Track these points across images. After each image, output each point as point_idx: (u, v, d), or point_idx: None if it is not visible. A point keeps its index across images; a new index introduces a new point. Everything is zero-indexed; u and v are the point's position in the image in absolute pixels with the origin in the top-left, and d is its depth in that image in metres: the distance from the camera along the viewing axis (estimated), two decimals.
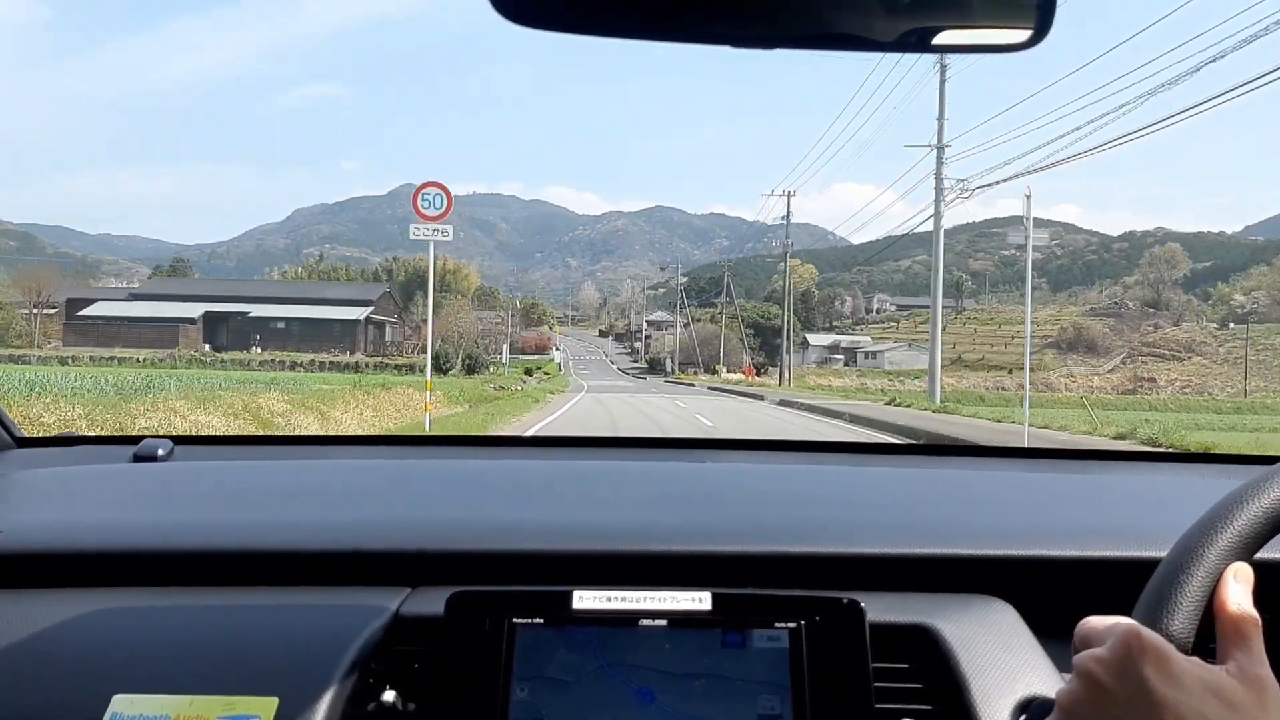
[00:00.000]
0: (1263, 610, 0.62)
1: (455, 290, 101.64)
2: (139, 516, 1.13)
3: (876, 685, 0.76)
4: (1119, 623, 0.62)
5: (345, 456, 1.72)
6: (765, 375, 67.48)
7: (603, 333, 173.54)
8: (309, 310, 72.55)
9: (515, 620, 0.76)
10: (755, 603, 0.78)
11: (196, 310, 70.27)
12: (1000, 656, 0.84)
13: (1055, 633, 0.85)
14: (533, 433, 15.21)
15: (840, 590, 0.81)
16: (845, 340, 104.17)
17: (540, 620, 0.77)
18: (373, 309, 76.08)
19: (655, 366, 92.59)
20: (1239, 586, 0.63)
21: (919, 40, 0.66)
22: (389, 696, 0.80)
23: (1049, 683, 0.80)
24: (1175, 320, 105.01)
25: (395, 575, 0.96)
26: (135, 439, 1.50)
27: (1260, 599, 0.63)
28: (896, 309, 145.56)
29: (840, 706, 0.74)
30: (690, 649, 0.76)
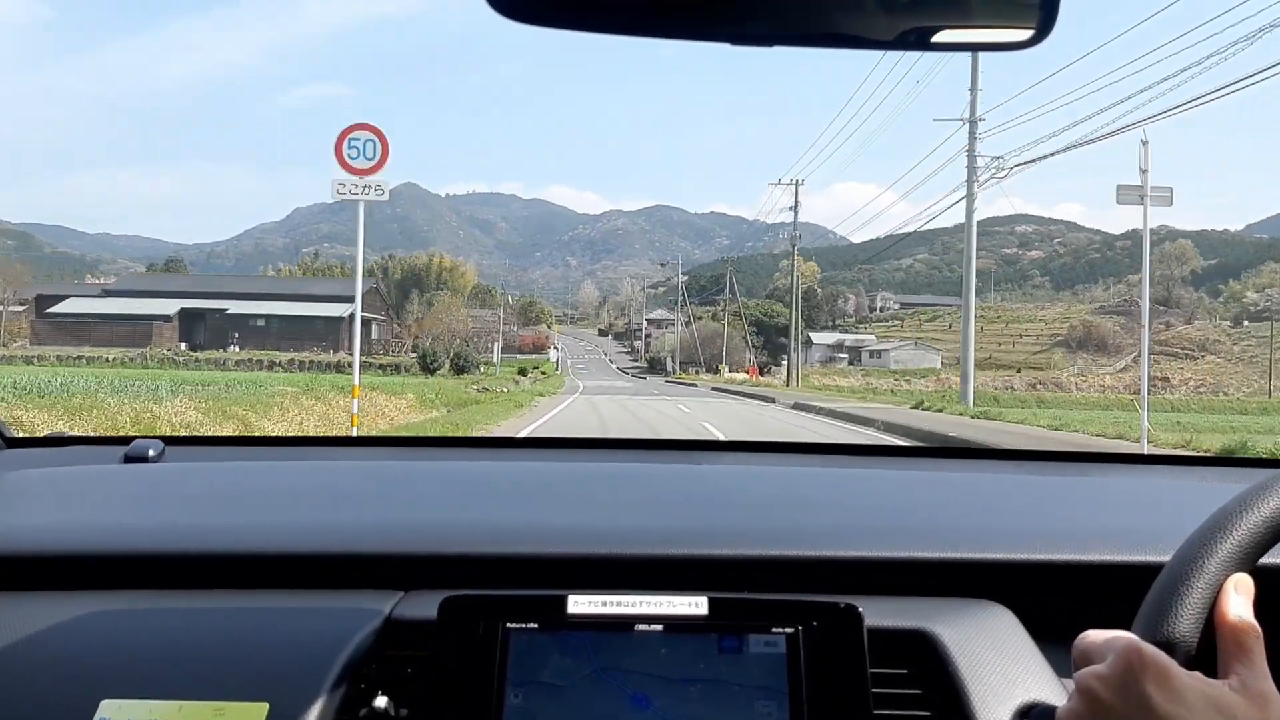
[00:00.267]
0: (1264, 620, 0.62)
1: (452, 288, 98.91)
2: (129, 518, 1.12)
3: (875, 691, 0.76)
4: (1119, 637, 0.61)
5: (338, 458, 1.70)
6: (769, 375, 65.09)
7: (602, 331, 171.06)
8: (290, 307, 69.31)
9: (509, 625, 0.76)
10: (752, 607, 0.77)
11: (172, 307, 67.46)
12: (999, 662, 0.83)
13: (1054, 637, 0.84)
14: None
15: (838, 595, 0.80)
16: (849, 339, 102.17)
17: (535, 625, 0.76)
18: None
19: (655, 366, 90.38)
20: (1239, 598, 0.62)
21: (918, 39, 0.66)
22: (381, 702, 0.79)
23: (1048, 688, 0.80)
24: (1187, 318, 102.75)
25: (388, 578, 0.95)
26: (126, 439, 1.48)
27: (1261, 608, 0.62)
28: (900, 307, 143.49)
29: (838, 712, 0.73)
30: (686, 654, 0.75)
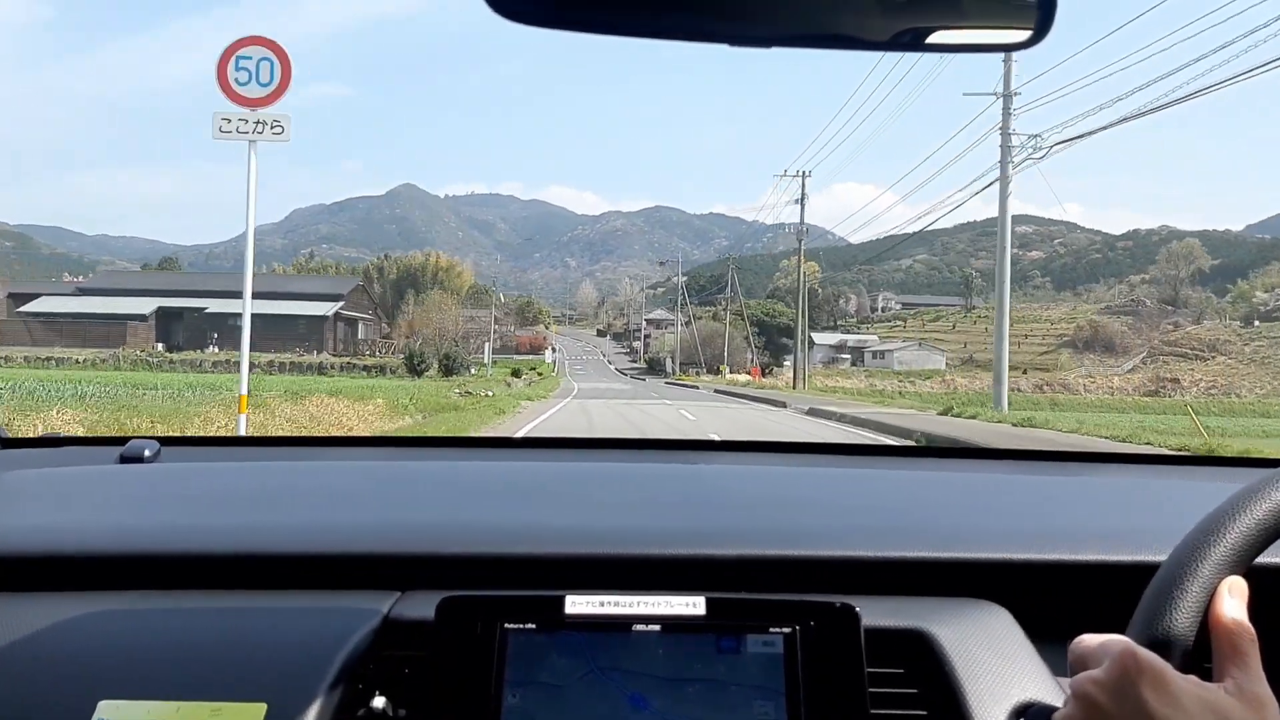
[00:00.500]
0: (1258, 623, 0.62)
1: (448, 289, 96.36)
2: (126, 519, 1.12)
3: (871, 690, 0.76)
4: (1114, 641, 0.61)
5: (335, 458, 1.69)
6: (771, 376, 62.73)
7: (601, 332, 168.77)
8: (271, 306, 65.84)
9: (507, 625, 0.76)
10: (750, 607, 0.77)
11: (148, 306, 64.82)
12: (995, 661, 0.83)
13: (1050, 637, 0.85)
14: None
15: (835, 594, 0.81)
16: (852, 339, 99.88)
17: (532, 625, 0.76)
18: (343, 304, 69.99)
19: (655, 367, 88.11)
20: (1234, 601, 0.62)
21: (914, 39, 0.66)
22: (379, 702, 0.79)
23: (1044, 688, 0.80)
24: (1196, 318, 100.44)
25: (385, 579, 0.95)
26: (122, 439, 1.47)
27: (1256, 610, 0.62)
28: (902, 307, 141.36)
29: (835, 712, 0.74)
30: (684, 654, 0.75)
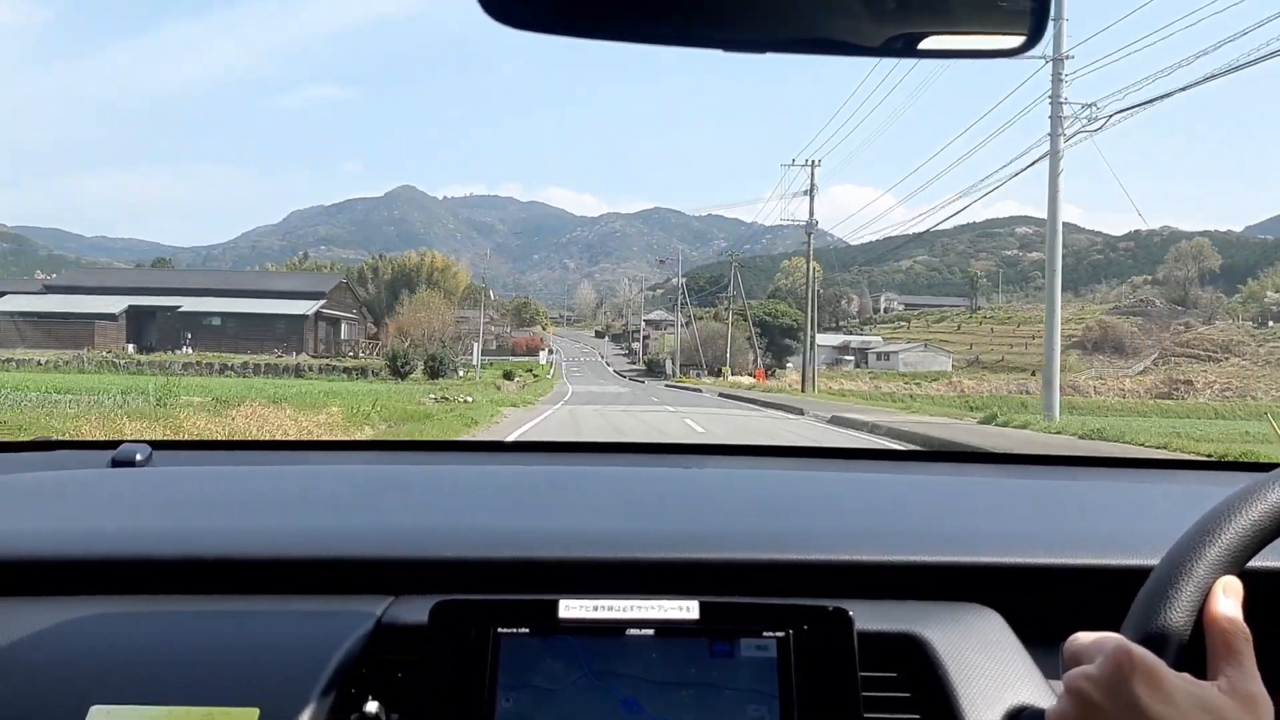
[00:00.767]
0: (1252, 623, 0.62)
1: (444, 288, 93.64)
2: (118, 523, 1.11)
3: (864, 694, 0.76)
4: (1108, 638, 0.61)
5: (327, 462, 1.69)
6: (775, 378, 60.08)
7: (599, 333, 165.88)
8: (249, 304, 63.58)
9: (501, 630, 0.75)
10: (743, 611, 0.77)
11: (119, 305, 61.76)
12: (988, 665, 0.83)
13: (1042, 640, 0.85)
14: None
15: (828, 598, 0.81)
16: (855, 340, 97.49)
17: (526, 630, 0.76)
18: (324, 303, 66.61)
19: (654, 368, 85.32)
20: (1228, 600, 0.63)
21: (906, 45, 0.67)
22: (371, 707, 0.79)
23: (1037, 692, 0.80)
24: (1207, 319, 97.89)
25: (378, 583, 0.95)
26: (114, 443, 1.47)
27: (1249, 610, 0.63)
28: (905, 308, 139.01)
29: (828, 716, 0.74)
30: (677, 658, 0.75)
